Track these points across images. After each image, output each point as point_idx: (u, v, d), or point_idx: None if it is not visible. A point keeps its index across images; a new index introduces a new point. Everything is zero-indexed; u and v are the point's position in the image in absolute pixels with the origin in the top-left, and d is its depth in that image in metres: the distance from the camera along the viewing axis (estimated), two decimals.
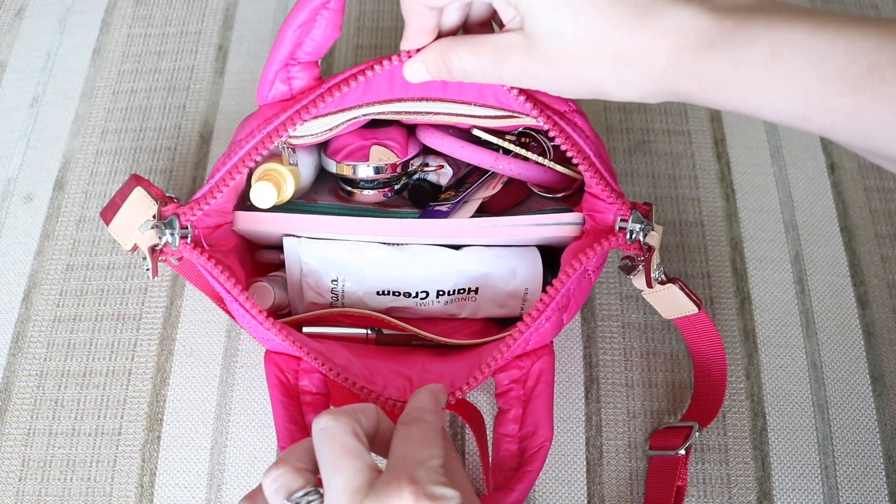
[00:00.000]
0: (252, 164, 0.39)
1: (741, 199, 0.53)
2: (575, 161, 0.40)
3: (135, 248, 0.41)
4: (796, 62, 0.28)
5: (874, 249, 0.52)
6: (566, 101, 0.41)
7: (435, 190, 0.47)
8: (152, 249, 0.39)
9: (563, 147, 0.39)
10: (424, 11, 0.35)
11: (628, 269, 0.43)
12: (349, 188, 0.45)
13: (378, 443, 0.32)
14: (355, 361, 0.42)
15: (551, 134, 0.39)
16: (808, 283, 0.50)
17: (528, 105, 0.39)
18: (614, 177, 0.41)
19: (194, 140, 0.56)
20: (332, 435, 0.29)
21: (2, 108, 0.58)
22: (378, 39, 0.60)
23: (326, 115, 0.39)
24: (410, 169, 0.45)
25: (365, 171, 0.44)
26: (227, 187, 0.39)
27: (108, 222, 0.41)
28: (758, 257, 0.51)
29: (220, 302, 0.46)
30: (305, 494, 0.29)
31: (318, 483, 0.29)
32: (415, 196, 0.46)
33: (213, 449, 0.46)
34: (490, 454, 0.44)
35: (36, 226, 0.53)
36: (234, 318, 0.47)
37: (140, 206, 0.40)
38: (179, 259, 0.41)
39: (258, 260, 0.47)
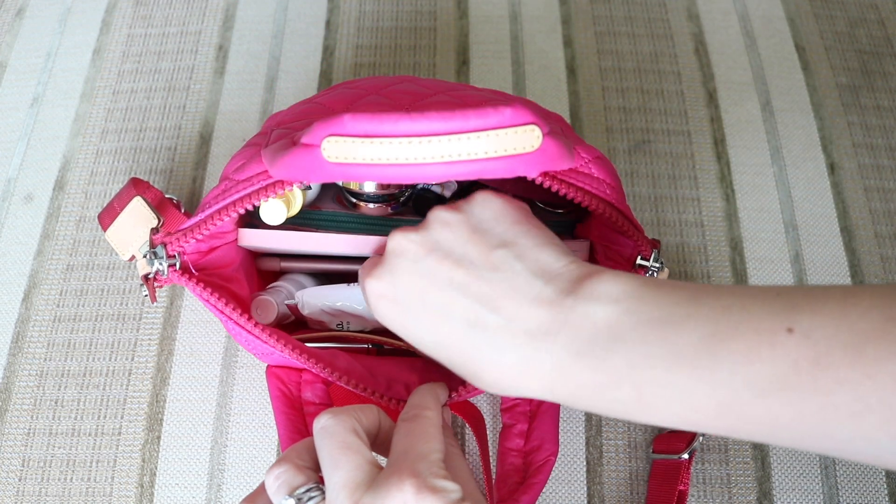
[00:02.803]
0: (250, 208, 0.38)
1: (741, 199, 0.53)
2: (593, 210, 0.39)
3: (132, 258, 0.41)
4: (662, 401, 0.29)
5: (874, 249, 0.52)
6: (581, 154, 0.39)
7: (439, 200, 0.47)
8: (146, 278, 0.39)
9: (579, 201, 0.38)
10: None
11: None
12: (354, 200, 0.45)
13: (380, 442, 0.32)
14: (357, 365, 0.42)
15: (570, 197, 0.38)
16: (809, 283, 0.50)
17: (548, 183, 0.38)
18: (629, 211, 0.41)
19: (194, 140, 0.56)
20: (331, 433, 0.29)
21: (2, 108, 0.58)
22: (378, 39, 0.60)
23: None
24: None
25: (371, 187, 0.44)
26: (214, 226, 0.39)
27: (105, 228, 0.41)
28: (758, 257, 0.51)
29: None
30: (307, 491, 0.29)
31: (320, 481, 0.29)
32: (419, 205, 0.46)
33: (213, 449, 0.46)
34: (493, 464, 0.44)
35: (36, 226, 0.53)
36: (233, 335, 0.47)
37: (139, 216, 0.40)
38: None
39: (259, 267, 0.47)
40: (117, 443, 0.46)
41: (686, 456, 0.43)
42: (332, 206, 0.46)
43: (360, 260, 0.46)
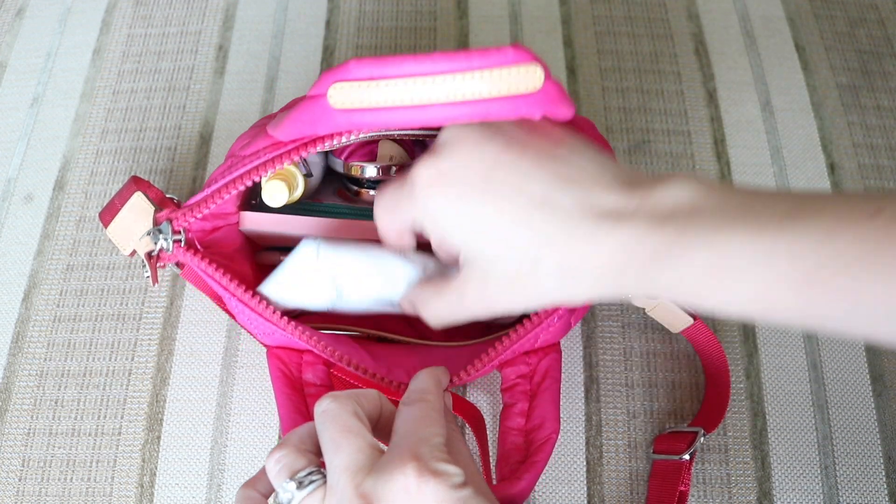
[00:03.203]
0: (257, 179, 0.39)
1: None
2: None
3: (133, 253, 0.41)
4: (739, 271, 0.27)
5: None
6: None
7: None
8: (149, 256, 0.39)
9: None
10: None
11: None
12: (356, 188, 0.45)
13: (381, 427, 0.32)
14: (359, 348, 0.42)
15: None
16: None
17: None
18: None
19: (194, 140, 0.56)
20: (333, 416, 0.29)
21: (2, 108, 0.58)
22: (378, 39, 0.60)
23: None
24: None
25: (373, 172, 0.44)
26: (221, 200, 0.39)
27: (106, 225, 0.41)
28: None
29: (221, 302, 0.46)
30: (308, 474, 0.29)
31: (321, 466, 0.29)
32: None
33: (213, 449, 0.46)
34: (492, 452, 0.44)
35: (36, 226, 0.53)
36: (234, 317, 0.47)
37: (139, 211, 0.40)
38: (181, 266, 0.41)
39: (258, 261, 0.47)
40: (117, 443, 0.46)
41: (687, 457, 0.43)
42: (333, 199, 0.47)
43: None
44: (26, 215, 0.53)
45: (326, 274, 0.42)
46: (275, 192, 0.41)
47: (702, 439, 0.44)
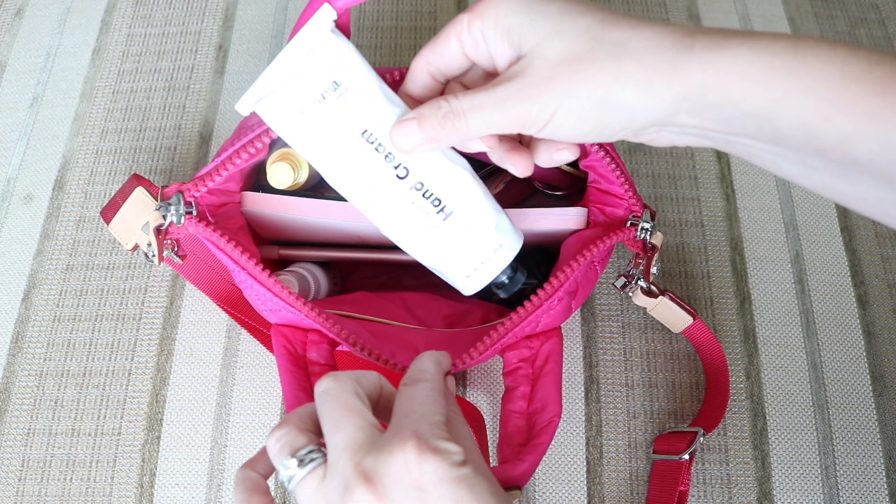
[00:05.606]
0: (260, 145, 0.39)
1: (741, 199, 0.53)
2: (606, 159, 0.40)
3: (135, 247, 0.41)
4: (820, 58, 0.27)
5: (874, 249, 0.52)
6: None
7: None
8: (157, 230, 0.39)
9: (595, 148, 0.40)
10: (431, 81, 0.35)
11: (624, 285, 0.44)
12: None
13: (381, 409, 0.32)
14: (364, 330, 0.42)
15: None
16: (809, 283, 0.50)
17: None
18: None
19: (194, 140, 0.56)
20: (333, 395, 0.29)
21: (2, 108, 0.58)
22: (378, 39, 0.60)
23: None
24: None
25: None
26: (233, 165, 0.39)
27: (108, 221, 0.41)
28: (758, 257, 0.51)
29: (221, 302, 0.46)
30: (309, 452, 0.29)
31: (322, 445, 0.29)
32: None
33: (212, 449, 0.46)
34: (491, 452, 0.44)
35: (36, 226, 0.53)
36: (233, 316, 0.47)
37: (141, 205, 0.40)
38: (184, 257, 0.41)
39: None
40: (117, 443, 0.46)
41: (687, 457, 0.43)
42: (334, 194, 0.47)
43: (360, 249, 0.46)
44: (26, 215, 0.53)
45: (329, 54, 0.37)
46: (279, 174, 0.41)
47: (702, 439, 0.44)
